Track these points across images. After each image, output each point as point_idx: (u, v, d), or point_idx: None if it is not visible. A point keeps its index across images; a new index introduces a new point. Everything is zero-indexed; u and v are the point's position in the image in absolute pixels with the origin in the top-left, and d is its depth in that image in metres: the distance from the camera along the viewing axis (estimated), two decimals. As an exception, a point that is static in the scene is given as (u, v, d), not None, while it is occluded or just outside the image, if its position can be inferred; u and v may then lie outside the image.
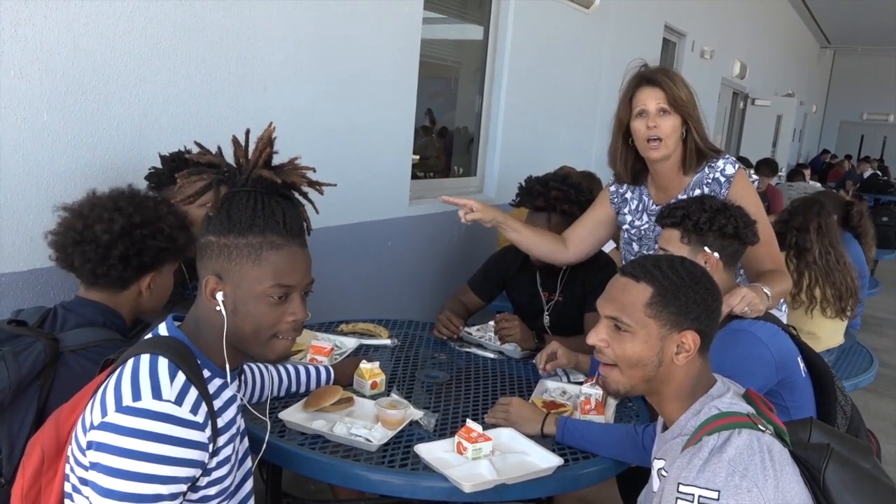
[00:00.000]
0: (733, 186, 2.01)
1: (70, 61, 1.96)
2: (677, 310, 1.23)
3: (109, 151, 2.11)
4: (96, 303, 1.49)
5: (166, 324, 1.21)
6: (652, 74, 2.02)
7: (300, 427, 1.58)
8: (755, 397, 1.24)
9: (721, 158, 2.05)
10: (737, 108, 11.01)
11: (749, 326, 1.65)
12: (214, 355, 1.20)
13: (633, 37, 5.89)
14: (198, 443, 1.09)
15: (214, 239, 1.18)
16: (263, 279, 1.16)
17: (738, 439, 1.12)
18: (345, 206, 3.11)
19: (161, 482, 1.04)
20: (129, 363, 1.12)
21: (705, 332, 1.24)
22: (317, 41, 2.78)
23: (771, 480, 1.08)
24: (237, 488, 1.30)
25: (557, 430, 1.65)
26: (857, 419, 1.66)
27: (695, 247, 1.72)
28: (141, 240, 1.48)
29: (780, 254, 2.00)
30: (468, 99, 4.34)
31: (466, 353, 2.26)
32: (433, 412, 1.75)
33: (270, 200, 1.21)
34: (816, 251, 3.11)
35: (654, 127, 1.98)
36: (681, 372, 1.25)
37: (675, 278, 1.23)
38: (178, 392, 1.09)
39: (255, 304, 1.17)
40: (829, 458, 1.13)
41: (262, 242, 1.17)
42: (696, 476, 1.10)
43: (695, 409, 1.23)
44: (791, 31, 13.59)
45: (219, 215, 1.19)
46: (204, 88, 2.37)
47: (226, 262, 1.17)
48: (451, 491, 1.42)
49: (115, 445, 1.03)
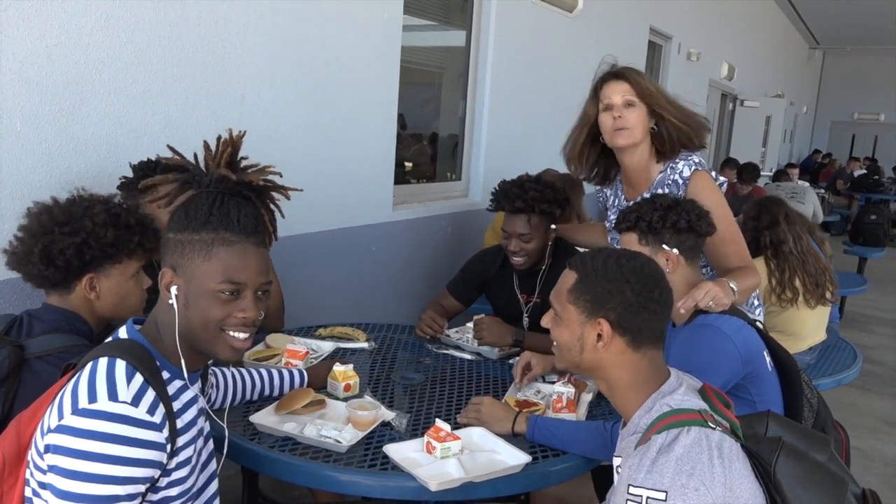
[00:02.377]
0: (690, 188, 2.03)
1: (44, 71, 1.98)
2: (593, 298, 1.27)
3: (85, 161, 2.12)
4: (60, 308, 1.51)
5: (126, 327, 1.23)
6: (617, 70, 2.07)
7: (270, 430, 1.59)
8: (710, 393, 1.26)
9: (682, 159, 2.07)
10: (726, 109, 11.06)
11: (714, 321, 1.67)
12: (174, 357, 1.21)
13: (618, 40, 5.92)
14: (155, 443, 1.10)
15: (172, 235, 1.21)
16: (214, 275, 1.18)
17: (685, 438, 1.13)
18: (327, 212, 3.13)
19: (117, 483, 1.05)
20: (87, 367, 1.13)
21: (626, 325, 1.26)
22: (295, 49, 2.79)
23: (719, 478, 1.10)
24: (201, 490, 1.31)
25: (528, 429, 1.67)
26: (824, 412, 1.68)
27: (653, 247, 1.75)
28: (61, 237, 1.50)
29: (746, 250, 2.02)
30: (452, 104, 4.37)
31: (444, 355, 2.28)
32: (406, 413, 1.76)
33: (229, 200, 1.23)
34: (790, 240, 3.16)
35: (619, 117, 2.01)
36: (610, 361, 1.28)
37: (600, 268, 1.28)
38: (134, 393, 1.10)
39: (206, 299, 1.19)
40: (779, 452, 1.14)
41: (214, 239, 1.19)
42: (644, 477, 1.11)
43: (647, 406, 1.25)
44: (779, 32, 13.66)
45: (178, 213, 1.22)
46: (181, 97, 2.39)
47: (180, 257, 1.19)
48: (420, 490, 1.44)
49: (71, 447, 1.04)
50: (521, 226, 2.37)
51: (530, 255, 2.38)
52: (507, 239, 2.41)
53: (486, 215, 3.87)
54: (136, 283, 1.60)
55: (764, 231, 3.25)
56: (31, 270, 1.52)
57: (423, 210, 3.85)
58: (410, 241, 3.74)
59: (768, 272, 3.19)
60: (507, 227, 2.41)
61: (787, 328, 3.24)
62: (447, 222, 4.00)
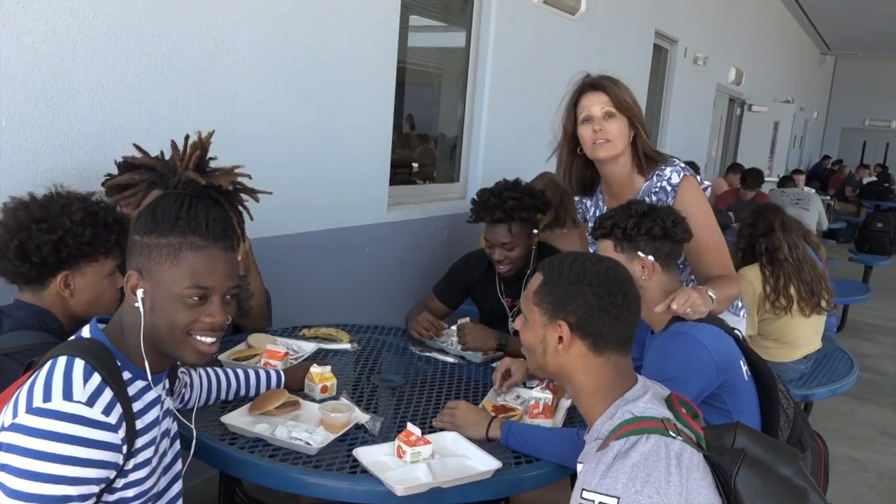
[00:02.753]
0: (679, 194, 2.01)
1: (30, 67, 1.98)
2: (555, 300, 1.27)
3: (71, 158, 2.12)
4: (31, 305, 1.51)
5: (90, 325, 1.22)
6: (594, 80, 2.03)
7: (242, 430, 1.59)
8: (676, 402, 1.24)
9: (668, 166, 2.04)
10: (733, 114, 10.99)
11: (689, 329, 1.65)
12: (137, 357, 1.21)
13: (621, 43, 5.90)
14: (109, 444, 1.09)
15: (138, 238, 1.20)
16: (181, 280, 1.17)
17: (644, 445, 1.12)
18: (320, 212, 3.13)
19: (69, 483, 1.05)
20: (46, 365, 1.13)
21: (587, 328, 1.25)
22: (288, 48, 2.79)
23: (675, 488, 1.08)
24: (163, 492, 1.31)
25: (502, 434, 1.65)
26: (801, 423, 1.66)
27: (629, 254, 1.74)
28: (38, 234, 1.50)
29: (729, 260, 2.00)
30: (451, 105, 4.36)
31: (427, 358, 2.27)
32: (380, 416, 1.75)
33: (197, 203, 1.22)
34: (786, 247, 3.14)
35: (600, 130, 1.98)
36: (573, 365, 1.28)
37: (564, 270, 1.28)
38: (90, 393, 1.10)
39: (173, 303, 1.18)
40: (740, 464, 1.13)
41: (182, 243, 1.18)
42: (598, 482, 1.10)
43: (609, 412, 1.23)
44: (790, 37, 13.58)
45: (145, 215, 1.21)
46: (170, 96, 2.39)
47: (146, 261, 1.19)
48: (388, 495, 1.42)
49: (24, 446, 1.04)
50: (502, 235, 2.36)
51: (514, 262, 2.38)
52: (491, 248, 2.41)
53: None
54: (110, 282, 1.60)
55: (760, 238, 3.23)
56: (6, 266, 1.52)
57: (419, 211, 3.84)
58: (406, 243, 3.74)
59: (763, 279, 3.17)
60: (489, 237, 2.41)
61: (781, 336, 3.22)
62: (443, 224, 3.99)
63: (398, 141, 4.19)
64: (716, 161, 10.28)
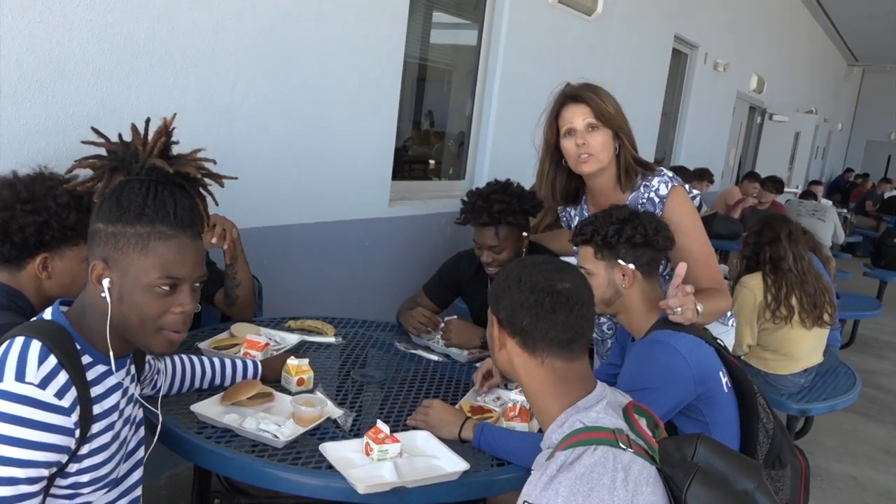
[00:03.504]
0: (668, 206, 1.95)
1: (24, 48, 1.98)
2: (494, 296, 1.30)
3: (64, 139, 2.12)
4: (3, 285, 1.50)
5: (52, 308, 1.22)
6: (575, 91, 1.98)
7: (210, 420, 1.57)
8: (632, 412, 1.21)
9: (656, 176, 1.99)
10: (753, 123, 10.86)
11: (667, 338, 1.62)
12: (98, 341, 1.20)
13: (639, 46, 5.83)
14: (60, 427, 1.08)
15: (103, 226, 1.18)
16: (151, 270, 1.16)
17: (589, 457, 1.09)
18: (319, 204, 3.11)
19: (17, 465, 1.04)
20: (2, 345, 1.12)
21: (514, 325, 1.25)
22: (290, 36, 2.78)
23: (620, 502, 1.05)
24: (123, 478, 1.30)
25: (474, 436, 1.63)
26: (781, 437, 1.62)
27: (609, 261, 1.71)
28: (22, 214, 1.49)
29: (719, 273, 1.95)
30: (460, 102, 4.33)
31: (411, 355, 2.25)
32: (354, 411, 1.73)
33: (163, 190, 1.21)
34: (790, 258, 3.10)
35: (583, 144, 1.93)
36: (516, 365, 1.28)
37: (506, 270, 1.30)
38: (44, 376, 1.09)
39: (142, 294, 1.17)
40: (692, 478, 1.09)
41: (150, 232, 1.16)
42: (539, 494, 1.06)
43: (559, 420, 1.20)
44: (816, 47, 13.39)
45: (109, 202, 1.19)
46: (168, 81, 2.38)
47: (113, 250, 1.17)
48: (351, 492, 1.41)
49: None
50: (489, 238, 2.34)
51: (503, 264, 2.35)
52: (480, 250, 2.39)
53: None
54: (87, 267, 1.59)
55: (765, 247, 3.19)
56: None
57: (422, 207, 3.82)
58: (407, 239, 3.71)
59: (764, 287, 3.13)
60: (477, 240, 2.40)
61: (780, 347, 3.16)
62: (446, 222, 3.96)
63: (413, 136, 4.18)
64: (733, 169, 10.16)
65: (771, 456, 1.60)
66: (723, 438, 1.60)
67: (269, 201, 2.85)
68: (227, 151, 2.60)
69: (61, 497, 1.16)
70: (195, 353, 1.87)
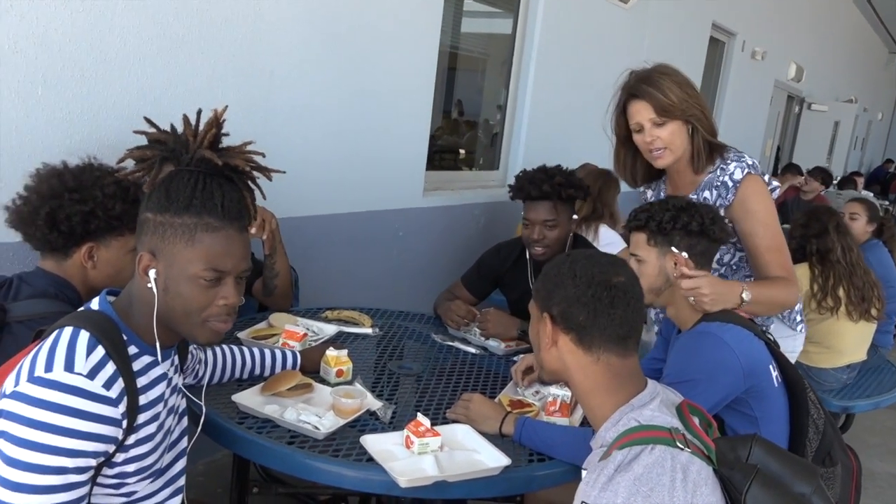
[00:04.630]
0: (740, 192, 1.90)
1: (66, 37, 2.00)
2: (544, 293, 1.26)
3: (105, 127, 2.14)
4: (50, 274, 1.52)
5: (99, 298, 1.22)
6: (635, 88, 1.92)
7: (251, 410, 1.58)
8: (686, 411, 1.18)
9: (734, 161, 1.94)
10: (791, 112, 10.64)
11: (716, 330, 1.58)
12: (144, 332, 1.20)
13: (675, 34, 5.73)
14: (108, 418, 1.08)
15: (151, 216, 1.18)
16: (196, 261, 1.16)
17: (648, 456, 1.06)
18: (354, 194, 3.11)
19: (66, 455, 1.04)
20: (51, 335, 1.13)
21: (570, 322, 1.21)
22: (327, 26, 2.77)
23: (679, 502, 1.02)
24: (167, 468, 1.30)
25: (515, 431, 1.61)
26: (831, 434, 1.57)
27: (662, 248, 1.67)
28: (70, 203, 1.50)
29: (790, 261, 1.89)
30: (494, 91, 4.29)
31: (448, 347, 2.23)
32: (393, 404, 1.72)
33: (211, 182, 1.20)
34: (839, 250, 3.06)
35: (652, 140, 1.91)
36: (566, 363, 1.24)
37: (556, 264, 1.26)
38: (92, 366, 1.09)
39: (187, 285, 1.17)
40: (752, 480, 1.06)
41: (197, 224, 1.16)
42: (598, 495, 1.04)
43: (614, 419, 1.18)
44: (856, 34, 13.06)
45: (158, 192, 1.19)
46: (206, 70, 2.39)
47: (160, 241, 1.17)
48: (392, 485, 1.40)
49: (23, 415, 1.04)
50: (545, 212, 2.32)
51: (552, 244, 2.33)
52: (530, 227, 2.36)
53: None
54: (132, 258, 1.59)
55: (811, 239, 3.14)
56: (34, 232, 1.53)
57: (456, 198, 3.80)
58: (441, 230, 3.70)
59: (811, 277, 3.08)
60: (530, 215, 2.36)
61: (823, 339, 3.10)
62: (480, 212, 3.94)
63: (445, 126, 4.16)
64: (769, 160, 9.96)
65: (821, 453, 1.56)
66: (771, 432, 1.57)
67: (305, 192, 2.85)
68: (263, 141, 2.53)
69: (107, 486, 1.17)
70: (234, 342, 1.88)
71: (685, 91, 1.90)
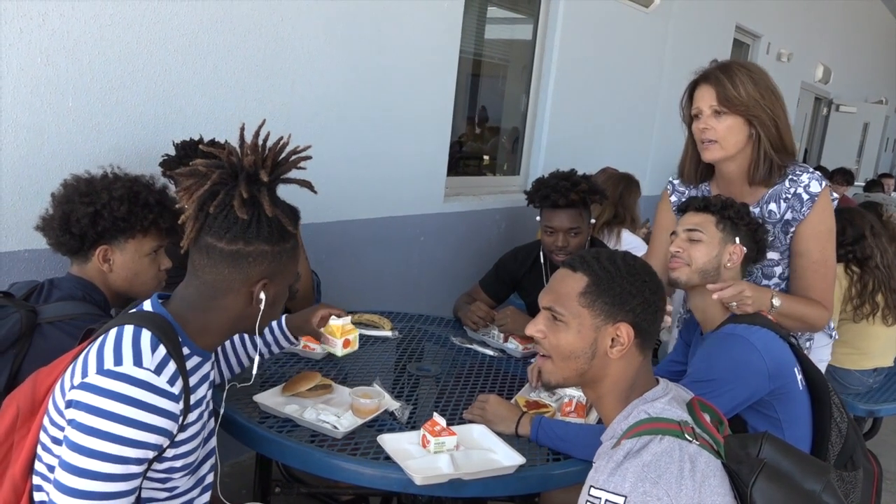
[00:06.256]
0: (817, 206, 1.80)
1: (96, 50, 2.07)
2: (611, 300, 1.20)
3: (133, 137, 2.21)
4: (77, 278, 1.57)
5: (151, 301, 1.26)
6: (707, 72, 1.84)
7: (272, 410, 1.62)
8: (697, 407, 1.19)
9: (804, 172, 1.84)
10: (819, 114, 10.50)
11: (743, 331, 1.58)
12: (198, 335, 1.25)
13: (698, 38, 5.70)
14: (170, 413, 1.14)
15: (268, 248, 1.23)
16: (293, 274, 1.33)
17: (657, 445, 1.08)
18: (376, 199, 3.15)
19: (129, 445, 1.09)
20: (112, 332, 1.17)
21: (642, 326, 1.20)
22: (348, 35, 2.82)
23: (687, 491, 1.03)
24: (200, 464, 1.35)
25: (531, 430, 1.63)
26: (854, 438, 1.56)
27: (727, 235, 1.69)
28: (80, 206, 1.56)
29: (831, 293, 1.84)
30: (515, 97, 4.32)
31: (467, 349, 2.26)
32: (411, 404, 1.75)
33: (280, 203, 1.27)
34: (878, 255, 3.01)
35: (705, 129, 1.82)
36: (616, 368, 1.22)
37: (612, 269, 1.21)
38: (158, 362, 1.14)
39: (283, 296, 1.34)
40: (758, 474, 1.07)
41: (294, 243, 1.29)
42: (606, 479, 1.06)
43: (626, 412, 1.20)
44: (885, 34, 12.84)
45: (242, 224, 1.20)
46: (230, 80, 2.45)
47: (277, 265, 1.26)
48: (408, 482, 1.43)
49: (92, 405, 1.09)
50: (570, 220, 2.34)
51: (575, 251, 2.34)
52: (554, 234, 2.36)
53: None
54: (151, 262, 1.64)
55: (848, 247, 3.07)
56: (52, 235, 1.60)
57: (476, 203, 3.83)
58: (461, 235, 3.73)
59: (849, 280, 3.03)
60: (554, 223, 2.36)
61: (853, 340, 3.06)
62: (501, 217, 3.96)
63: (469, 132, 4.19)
64: (797, 163, 9.84)
65: (843, 457, 1.55)
66: (794, 435, 1.57)
67: (326, 197, 2.89)
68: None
69: (156, 480, 1.22)
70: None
71: (760, 91, 1.78)
